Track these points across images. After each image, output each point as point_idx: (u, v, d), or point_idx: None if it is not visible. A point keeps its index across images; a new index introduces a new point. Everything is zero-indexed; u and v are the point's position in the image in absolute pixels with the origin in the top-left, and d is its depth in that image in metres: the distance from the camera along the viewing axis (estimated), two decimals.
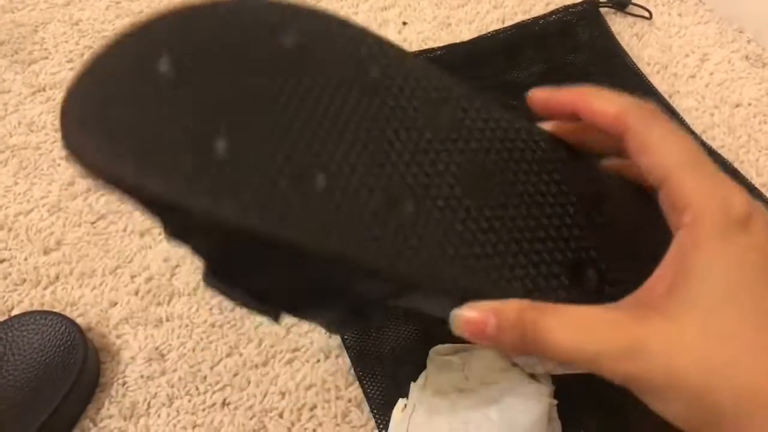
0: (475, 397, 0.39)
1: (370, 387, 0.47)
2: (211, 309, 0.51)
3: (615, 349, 0.24)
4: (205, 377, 0.48)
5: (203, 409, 0.47)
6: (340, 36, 0.29)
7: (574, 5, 0.70)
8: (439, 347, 0.43)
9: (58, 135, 0.60)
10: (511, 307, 0.26)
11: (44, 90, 0.64)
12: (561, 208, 0.30)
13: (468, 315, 0.27)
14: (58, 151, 0.60)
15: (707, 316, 0.24)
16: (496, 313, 0.26)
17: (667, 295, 0.25)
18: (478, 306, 0.27)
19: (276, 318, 0.30)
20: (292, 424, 0.46)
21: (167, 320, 0.50)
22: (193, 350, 0.49)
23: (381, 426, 0.45)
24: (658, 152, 0.27)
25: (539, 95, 0.33)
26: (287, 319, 0.49)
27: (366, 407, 0.46)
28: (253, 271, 0.28)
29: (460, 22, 0.71)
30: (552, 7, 0.71)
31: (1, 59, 0.66)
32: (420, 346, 0.45)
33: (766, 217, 0.26)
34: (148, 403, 0.47)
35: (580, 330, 0.25)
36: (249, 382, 0.48)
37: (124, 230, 0.55)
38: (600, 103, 0.29)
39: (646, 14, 0.71)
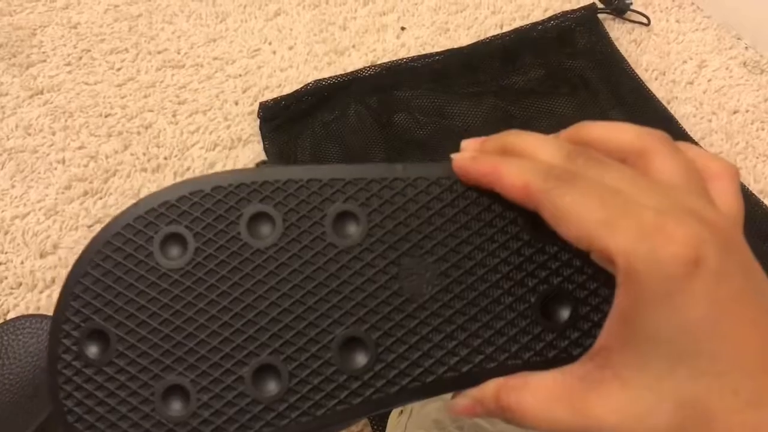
0: None
1: None
2: None
3: (575, 424, 0.25)
4: None
5: None
6: None
7: (573, 11, 0.70)
8: None
9: (56, 138, 0.60)
10: (489, 392, 0.27)
11: (42, 93, 0.64)
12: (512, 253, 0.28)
13: (457, 406, 0.28)
14: (55, 154, 0.60)
15: (661, 381, 0.24)
16: (478, 401, 0.27)
17: (620, 353, 0.25)
18: (461, 397, 0.28)
19: None
20: None
21: None
22: None
23: (377, 431, 0.45)
24: (570, 221, 0.24)
25: (459, 165, 0.29)
26: None
27: None
28: None
29: (459, 27, 0.71)
30: (550, 13, 0.71)
31: None
32: None
33: (727, 248, 0.23)
34: None
35: (548, 402, 0.26)
36: None
37: None
38: (508, 175, 0.26)
39: (645, 20, 0.71)
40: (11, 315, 0.51)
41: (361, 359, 0.28)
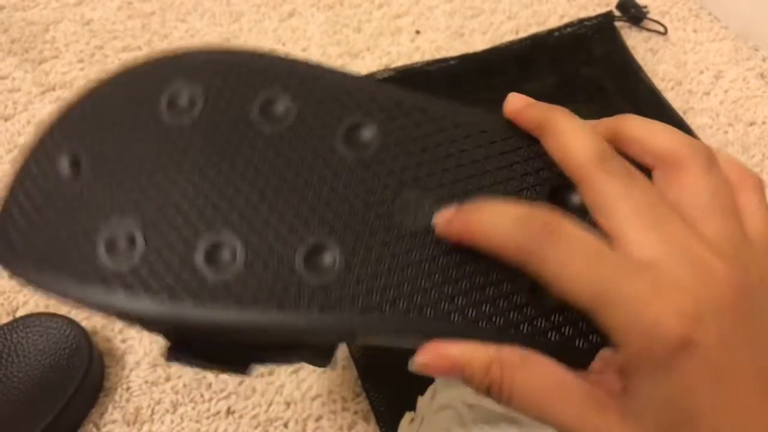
0: (485, 414, 0.38)
1: (377, 399, 0.46)
2: None
3: (575, 428, 0.24)
4: (210, 384, 0.47)
5: (207, 417, 0.46)
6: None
7: (589, 18, 0.70)
8: None
9: None
10: (480, 361, 0.26)
11: (54, 89, 0.64)
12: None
13: (436, 363, 0.26)
14: None
15: None
16: (464, 365, 0.26)
17: (620, 393, 0.24)
18: (445, 354, 0.26)
19: (244, 372, 0.30)
20: None
21: None
22: None
23: None
24: (561, 290, 0.24)
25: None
26: None
27: (372, 420, 0.46)
28: (208, 343, 0.28)
29: (474, 32, 0.71)
30: (567, 20, 0.70)
31: (11, 57, 0.66)
32: None
33: (732, 311, 0.22)
34: (152, 409, 0.46)
35: (546, 394, 0.25)
36: (254, 391, 0.47)
37: None
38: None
39: (661, 29, 0.71)
40: (20, 312, 0.50)
41: (323, 272, 0.26)
